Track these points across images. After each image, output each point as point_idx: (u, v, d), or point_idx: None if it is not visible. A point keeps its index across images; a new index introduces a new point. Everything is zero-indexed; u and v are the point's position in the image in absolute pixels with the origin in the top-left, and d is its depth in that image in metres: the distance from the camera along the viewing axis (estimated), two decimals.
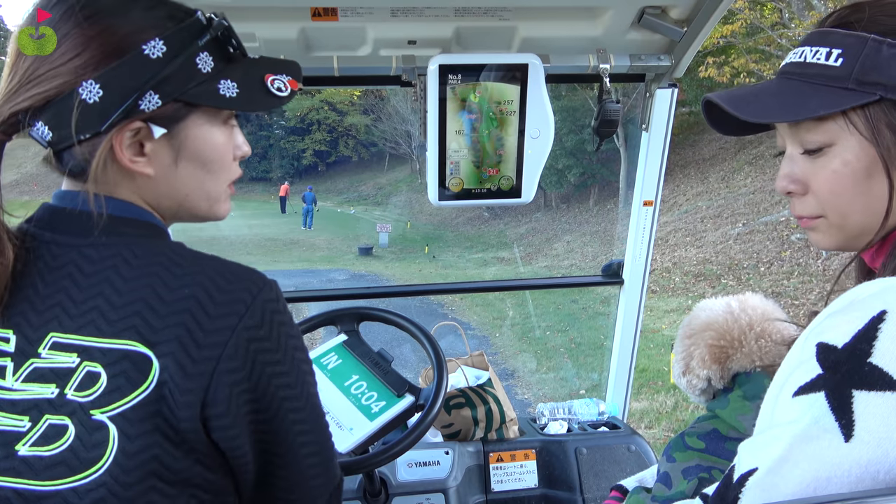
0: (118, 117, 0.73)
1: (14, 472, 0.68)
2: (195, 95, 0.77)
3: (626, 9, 1.53)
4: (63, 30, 0.72)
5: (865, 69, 0.71)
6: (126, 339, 0.69)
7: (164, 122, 0.76)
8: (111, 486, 0.67)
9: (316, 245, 19.87)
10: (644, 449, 1.93)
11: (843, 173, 0.74)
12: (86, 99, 0.72)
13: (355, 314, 1.58)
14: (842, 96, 0.72)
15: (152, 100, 0.74)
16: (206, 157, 0.81)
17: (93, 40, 0.72)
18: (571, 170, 18.84)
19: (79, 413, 0.68)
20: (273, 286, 0.76)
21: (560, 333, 8.66)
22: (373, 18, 1.49)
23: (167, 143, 0.78)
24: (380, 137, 31.81)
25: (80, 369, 0.69)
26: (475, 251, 18.19)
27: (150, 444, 0.68)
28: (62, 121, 0.73)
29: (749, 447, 0.63)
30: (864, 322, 0.59)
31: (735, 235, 11.35)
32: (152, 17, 0.75)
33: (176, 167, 0.80)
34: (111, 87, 0.72)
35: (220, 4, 1.40)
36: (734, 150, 16.87)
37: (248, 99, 0.80)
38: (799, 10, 12.79)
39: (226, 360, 0.70)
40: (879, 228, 0.73)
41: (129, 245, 0.74)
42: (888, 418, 0.55)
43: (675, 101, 1.77)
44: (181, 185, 0.81)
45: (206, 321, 0.70)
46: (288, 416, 0.76)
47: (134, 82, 0.73)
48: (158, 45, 0.74)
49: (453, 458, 1.82)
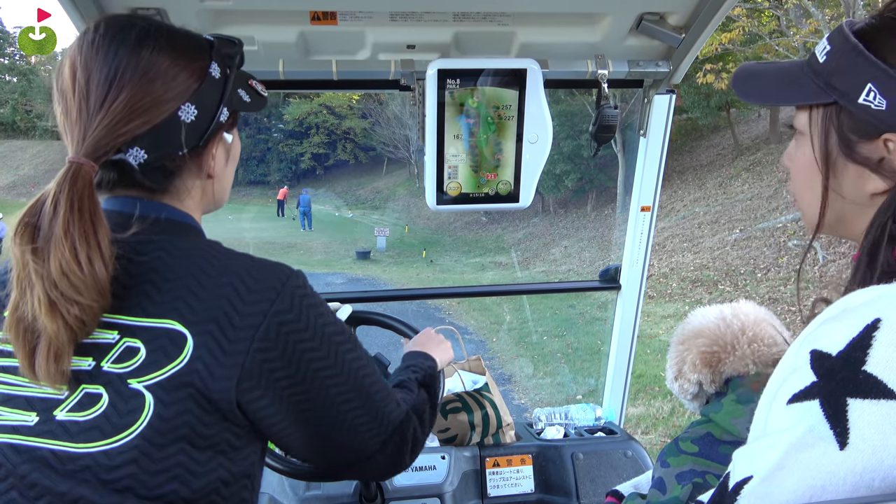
0: (212, 131, 0.88)
1: (51, 434, 0.77)
2: (236, 104, 0.92)
3: (625, 15, 1.53)
4: (159, 64, 0.83)
5: (833, 71, 0.74)
6: (169, 318, 0.78)
7: (230, 130, 0.94)
8: (143, 448, 0.76)
9: (313, 249, 19.86)
10: (640, 454, 1.93)
11: (799, 161, 0.80)
12: (185, 120, 0.85)
13: (352, 318, 1.58)
14: (813, 92, 0.76)
15: (224, 112, 0.89)
16: (237, 155, 0.99)
17: (183, 70, 0.85)
18: (569, 175, 18.86)
19: (115, 382, 0.77)
20: (300, 275, 0.87)
21: (557, 338, 8.66)
22: (372, 23, 1.49)
23: (224, 147, 0.94)
24: (378, 141, 31.80)
25: (119, 345, 0.78)
26: (473, 256, 18.20)
27: (184, 411, 0.77)
28: (160, 142, 0.84)
29: (744, 455, 0.63)
30: (859, 330, 0.59)
31: (732, 241, 11.37)
32: (196, 43, 0.89)
33: (226, 168, 0.97)
34: (201, 107, 0.86)
35: (221, 7, 1.40)
36: (731, 157, 16.91)
37: (255, 101, 0.95)
38: (797, 17, 12.85)
39: (259, 340, 0.79)
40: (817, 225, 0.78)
41: (173, 240, 0.85)
42: (883, 426, 0.55)
43: (673, 107, 1.77)
44: (227, 181, 0.98)
45: (242, 306, 0.80)
46: (327, 386, 0.86)
47: (213, 101, 0.88)
48: (215, 67, 0.88)
49: (450, 463, 1.81)
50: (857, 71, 0.71)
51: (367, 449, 0.94)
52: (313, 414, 0.86)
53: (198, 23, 1.42)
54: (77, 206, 0.76)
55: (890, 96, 0.69)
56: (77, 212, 0.76)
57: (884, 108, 0.69)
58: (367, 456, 0.95)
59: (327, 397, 0.86)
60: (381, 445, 0.95)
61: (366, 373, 0.91)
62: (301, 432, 0.86)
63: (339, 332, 0.88)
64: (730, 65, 13.47)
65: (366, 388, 0.91)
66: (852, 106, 0.72)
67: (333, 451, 0.92)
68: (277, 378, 0.81)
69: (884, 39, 0.71)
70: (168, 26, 0.88)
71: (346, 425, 0.89)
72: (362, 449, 0.94)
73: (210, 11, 1.41)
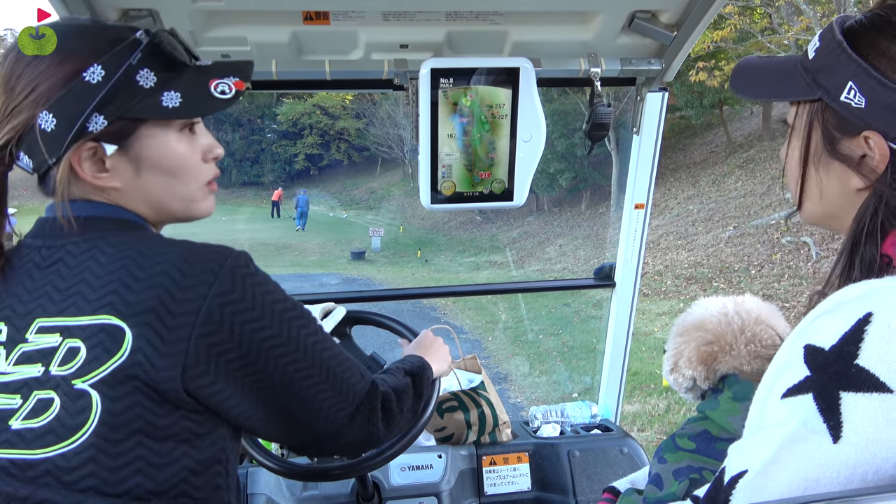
0: (71, 140, 0.82)
1: (8, 444, 0.77)
2: (139, 111, 0.84)
3: (617, 13, 1.54)
4: (18, 70, 0.82)
5: (818, 68, 0.74)
6: (103, 314, 0.77)
7: (113, 140, 0.85)
8: (99, 446, 0.75)
9: (308, 249, 19.82)
10: (637, 451, 1.93)
11: (791, 156, 0.81)
12: (45, 128, 0.82)
13: (347, 318, 1.58)
14: (802, 88, 0.76)
15: (98, 121, 0.83)
16: (167, 165, 0.89)
17: (42, 75, 0.81)
18: (563, 173, 18.88)
19: (63, 385, 0.77)
20: (241, 255, 0.83)
21: (553, 337, 8.67)
22: (365, 22, 1.49)
23: (124, 157, 0.87)
24: (372, 142, 31.76)
25: (62, 346, 0.78)
26: (468, 255, 18.20)
27: (134, 404, 0.76)
28: (34, 149, 0.83)
29: (739, 449, 0.64)
30: (851, 324, 0.59)
31: (726, 238, 11.40)
32: (93, 45, 0.83)
33: (139, 177, 0.88)
34: (61, 115, 0.81)
35: (213, 8, 1.40)
36: (725, 154, 16.96)
37: (191, 106, 0.87)
38: (788, 15, 12.89)
39: (200, 325, 0.78)
40: (828, 220, 0.79)
41: (105, 237, 0.83)
42: (875, 419, 0.55)
43: (666, 104, 1.78)
44: (150, 193, 0.90)
45: (178, 292, 0.78)
46: (283, 364, 0.84)
47: (79, 108, 0.82)
48: (97, 70, 0.82)
49: (446, 462, 1.82)
50: (839, 68, 0.72)
51: (334, 424, 0.92)
52: (272, 392, 0.84)
53: (190, 24, 1.42)
54: None
55: (869, 94, 0.70)
56: None
57: (863, 106, 0.70)
58: (334, 431, 0.93)
59: (284, 374, 0.84)
60: (349, 419, 0.93)
61: (324, 346, 0.89)
62: (263, 413, 0.85)
63: (291, 308, 0.86)
64: (722, 62, 13.50)
65: (325, 361, 0.89)
66: (835, 103, 0.73)
67: (299, 428, 0.90)
68: (228, 360, 0.79)
69: (869, 37, 0.71)
70: (63, 26, 0.85)
71: (307, 401, 0.88)
72: (329, 424, 0.91)
73: (202, 12, 1.41)
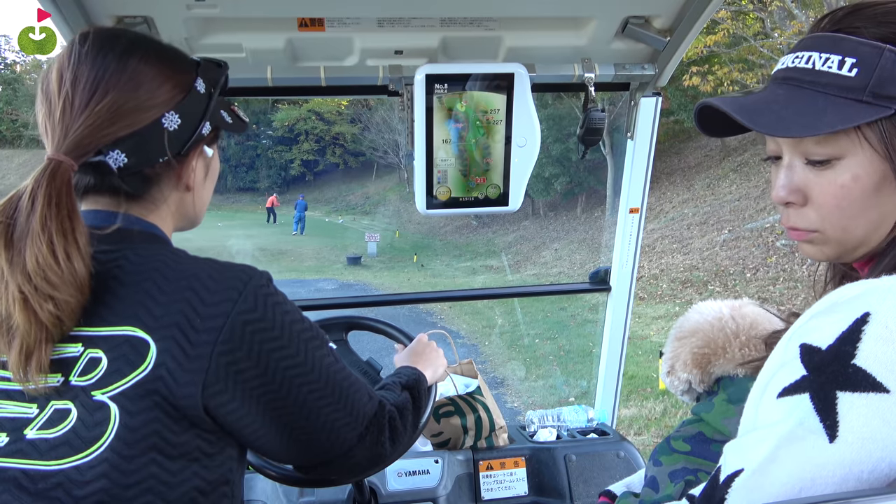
0: (194, 141, 0.89)
1: (22, 453, 0.76)
2: (219, 122, 0.94)
3: (610, 19, 1.55)
4: (145, 72, 0.85)
5: (882, 82, 0.68)
6: (128, 325, 0.77)
7: (210, 145, 0.94)
8: (113, 461, 0.74)
9: (304, 255, 19.79)
10: (633, 455, 1.93)
11: (852, 188, 0.71)
12: (168, 128, 0.86)
13: (344, 323, 1.58)
14: (858, 110, 0.69)
15: (206, 126, 0.91)
16: (215, 173, 0.99)
17: (168, 81, 0.86)
18: (558, 178, 18.91)
19: (81, 396, 0.76)
20: (264, 275, 0.85)
21: (549, 341, 8.67)
22: (360, 29, 1.50)
23: (205, 162, 0.95)
24: (368, 147, 31.80)
25: (83, 357, 0.77)
26: (464, 260, 18.21)
27: (152, 420, 0.75)
28: (142, 147, 0.84)
29: (735, 448, 0.64)
30: (848, 324, 0.59)
31: (721, 242, 11.43)
32: (189, 60, 0.92)
33: (205, 181, 0.97)
34: (185, 117, 0.87)
35: (208, 15, 1.40)
36: (719, 158, 17.02)
37: (235, 125, 0.98)
38: (781, 19, 12.97)
39: (223, 342, 0.78)
40: (881, 242, 0.72)
41: (134, 248, 0.83)
42: (871, 419, 0.56)
43: (660, 109, 1.78)
44: (205, 196, 0.98)
45: (203, 308, 0.78)
46: (298, 384, 0.85)
47: (197, 113, 0.89)
48: (200, 83, 0.91)
49: (443, 467, 1.81)
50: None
51: (344, 444, 0.93)
52: (286, 412, 0.85)
53: (185, 31, 1.42)
54: (55, 202, 0.76)
55: None
56: (55, 207, 0.76)
57: None
58: (344, 451, 0.94)
59: (299, 395, 0.85)
60: (358, 439, 0.94)
61: (336, 368, 0.91)
62: (275, 433, 0.85)
63: (307, 329, 0.87)
64: (715, 66, 13.57)
65: (337, 383, 0.90)
66: None
67: (310, 449, 0.91)
68: (246, 379, 0.79)
69: None
70: (157, 41, 0.90)
71: (320, 422, 0.89)
72: (339, 444, 0.93)
73: (197, 19, 1.41)
